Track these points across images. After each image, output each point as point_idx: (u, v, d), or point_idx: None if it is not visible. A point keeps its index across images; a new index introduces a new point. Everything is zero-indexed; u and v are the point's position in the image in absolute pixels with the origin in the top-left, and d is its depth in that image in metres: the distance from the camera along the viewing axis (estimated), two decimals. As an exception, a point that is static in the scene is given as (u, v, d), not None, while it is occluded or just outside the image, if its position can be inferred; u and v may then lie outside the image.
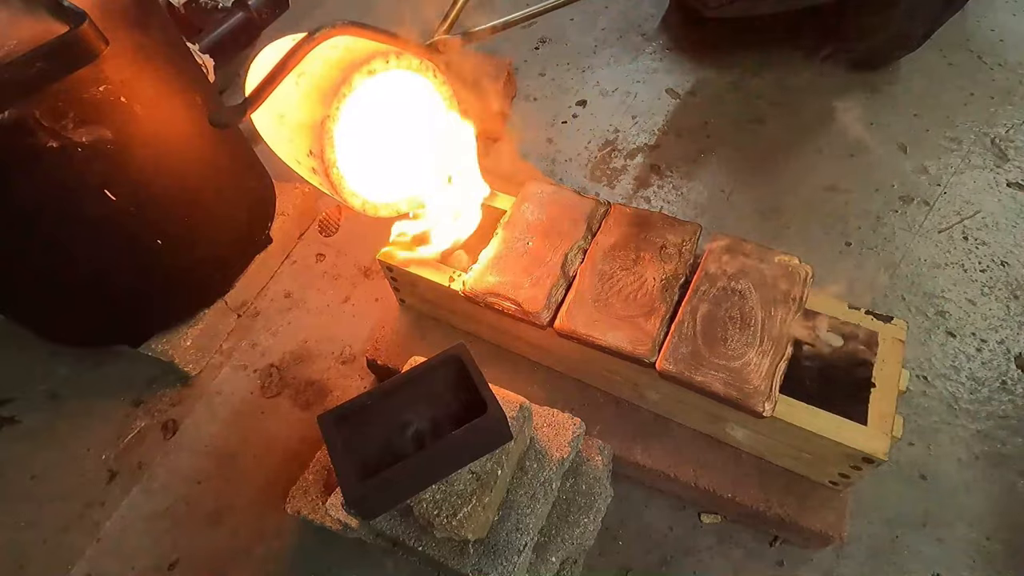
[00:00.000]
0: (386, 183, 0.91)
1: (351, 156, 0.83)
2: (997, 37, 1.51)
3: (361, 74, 0.78)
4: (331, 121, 0.78)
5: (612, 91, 1.51)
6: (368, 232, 1.28)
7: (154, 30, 0.93)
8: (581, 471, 0.84)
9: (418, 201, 0.94)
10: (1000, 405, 0.99)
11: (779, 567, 0.87)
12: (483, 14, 1.15)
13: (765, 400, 0.72)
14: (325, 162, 0.80)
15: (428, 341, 1.01)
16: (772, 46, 1.55)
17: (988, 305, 1.10)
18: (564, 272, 0.86)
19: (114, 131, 0.85)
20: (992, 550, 0.87)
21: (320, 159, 0.79)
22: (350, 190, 0.85)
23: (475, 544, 0.72)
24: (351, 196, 0.85)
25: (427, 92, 0.90)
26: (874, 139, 1.35)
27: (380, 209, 0.90)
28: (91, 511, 0.99)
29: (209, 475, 1.00)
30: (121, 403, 1.10)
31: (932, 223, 1.21)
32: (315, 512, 0.85)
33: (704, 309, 0.80)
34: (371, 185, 0.88)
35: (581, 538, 0.80)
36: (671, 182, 1.32)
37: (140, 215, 0.95)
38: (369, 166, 0.87)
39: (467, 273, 0.89)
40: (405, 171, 0.93)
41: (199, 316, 1.12)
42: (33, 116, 0.77)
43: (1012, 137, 1.33)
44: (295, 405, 1.07)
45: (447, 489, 0.70)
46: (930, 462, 0.94)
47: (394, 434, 0.69)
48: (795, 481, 0.83)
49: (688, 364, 0.76)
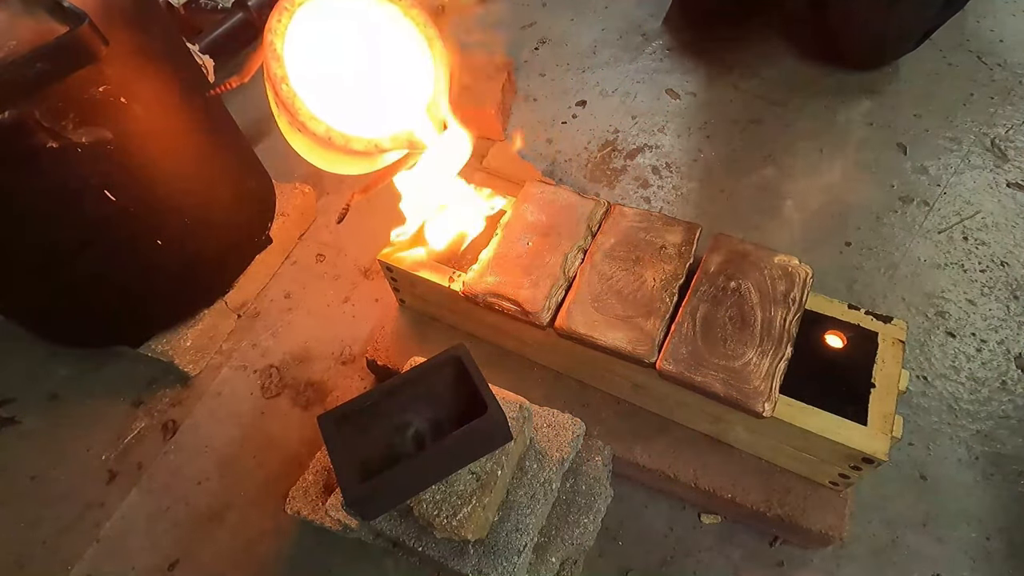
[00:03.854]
0: (362, 119, 0.81)
1: (311, 80, 0.77)
2: (997, 37, 1.51)
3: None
4: (273, 35, 0.73)
5: (612, 91, 1.51)
6: (368, 232, 1.28)
7: (154, 31, 0.93)
8: (581, 471, 0.84)
9: (407, 139, 0.82)
10: (1000, 405, 0.99)
11: (779, 567, 0.87)
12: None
13: (765, 400, 0.72)
14: (272, 78, 0.73)
15: (428, 341, 1.01)
16: (772, 46, 1.55)
17: (988, 305, 1.10)
18: (564, 272, 0.86)
19: (114, 131, 0.85)
20: (992, 550, 0.87)
21: (268, 76, 0.72)
22: (308, 112, 0.76)
23: (475, 544, 0.72)
24: (310, 120, 0.76)
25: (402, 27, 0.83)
26: (874, 139, 1.35)
27: (352, 141, 0.79)
28: (91, 511, 0.99)
29: (209, 475, 1.00)
30: (121, 403, 1.10)
31: (932, 223, 1.21)
32: (315, 512, 0.85)
33: (704, 309, 0.80)
34: (342, 117, 0.79)
35: (581, 538, 0.80)
36: (671, 182, 1.32)
37: (140, 215, 0.95)
38: (337, 96, 0.80)
39: (467, 273, 0.89)
40: (385, 107, 0.85)
41: (199, 316, 1.12)
42: (33, 116, 0.77)
43: (1012, 137, 1.33)
44: (295, 405, 1.07)
45: (447, 489, 0.70)
46: (930, 462, 0.94)
47: (394, 434, 0.69)
48: (795, 481, 0.83)
49: (688, 364, 0.76)
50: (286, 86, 0.74)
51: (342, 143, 0.78)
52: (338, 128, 0.78)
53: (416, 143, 0.82)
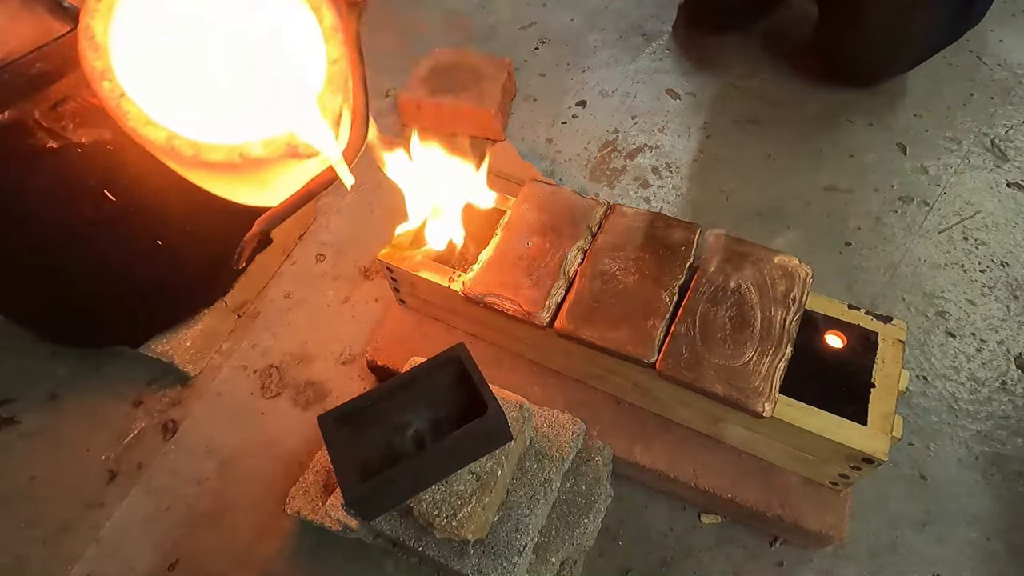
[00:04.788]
0: (230, 121, 0.61)
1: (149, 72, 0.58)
2: (997, 37, 1.51)
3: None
4: (91, 16, 0.56)
5: (612, 91, 1.51)
6: (368, 232, 1.28)
7: (154, 30, 0.93)
8: (581, 471, 0.84)
9: (287, 142, 0.59)
10: (1000, 405, 0.99)
11: (779, 568, 0.87)
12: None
13: (765, 400, 0.72)
14: (90, 72, 0.55)
15: (428, 341, 1.01)
16: (773, 47, 1.55)
17: (988, 305, 1.10)
18: (564, 272, 0.86)
19: (114, 132, 0.85)
20: (992, 550, 0.87)
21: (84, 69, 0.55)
22: (142, 115, 0.57)
23: (475, 545, 0.72)
24: (145, 125, 0.57)
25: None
26: (874, 139, 1.35)
27: (205, 151, 0.58)
28: (91, 511, 0.99)
29: (209, 475, 1.00)
30: (121, 403, 1.10)
31: (932, 223, 1.21)
32: (315, 512, 0.85)
33: (704, 309, 0.80)
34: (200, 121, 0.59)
35: (581, 539, 0.80)
36: (671, 182, 1.32)
37: (140, 216, 0.95)
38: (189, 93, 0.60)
39: (467, 273, 0.89)
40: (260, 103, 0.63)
41: (199, 316, 1.12)
42: (33, 116, 0.77)
43: (1012, 137, 1.33)
44: (295, 406, 1.07)
45: (447, 489, 0.70)
46: (930, 462, 0.94)
47: (394, 434, 0.69)
48: (795, 481, 0.83)
49: (688, 364, 0.76)
50: (108, 82, 0.56)
51: (191, 153, 0.57)
52: (184, 134, 0.57)
53: (300, 147, 0.59)
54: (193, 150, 0.58)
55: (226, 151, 0.58)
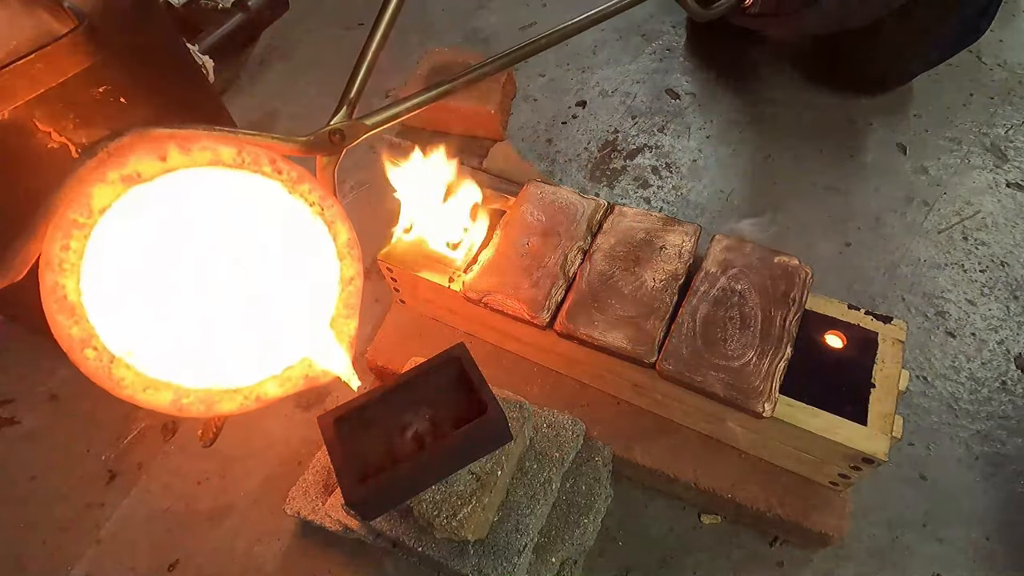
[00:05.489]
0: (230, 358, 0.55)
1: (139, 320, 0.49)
2: (997, 37, 1.51)
3: (109, 185, 0.46)
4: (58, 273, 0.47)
5: (612, 91, 1.51)
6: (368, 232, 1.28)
7: (154, 31, 0.93)
8: (581, 471, 0.84)
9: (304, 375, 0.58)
10: (1000, 405, 0.99)
11: (779, 568, 0.87)
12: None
13: (765, 400, 0.72)
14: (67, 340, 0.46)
15: (428, 341, 1.01)
16: (773, 47, 1.55)
17: (988, 305, 1.10)
18: (564, 272, 0.86)
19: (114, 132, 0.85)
20: (992, 550, 0.87)
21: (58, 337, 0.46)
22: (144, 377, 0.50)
23: (475, 545, 0.72)
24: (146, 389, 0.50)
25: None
26: (874, 139, 1.35)
27: (221, 402, 0.53)
28: (91, 511, 0.99)
29: (209, 475, 1.00)
30: (121, 404, 1.09)
31: (932, 223, 1.21)
32: (315, 513, 0.85)
33: (704, 310, 0.81)
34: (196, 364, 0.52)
35: (581, 539, 0.80)
36: (671, 182, 1.32)
37: (140, 216, 0.95)
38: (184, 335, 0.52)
39: (467, 273, 0.89)
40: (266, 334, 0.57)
41: (199, 316, 1.12)
42: (33, 117, 0.77)
43: (1012, 137, 1.33)
44: (295, 405, 1.07)
45: (447, 490, 0.70)
46: (930, 462, 0.94)
47: (394, 435, 0.69)
48: (795, 482, 0.83)
49: (688, 364, 0.76)
50: (92, 350, 0.46)
51: (202, 410, 0.51)
52: (190, 384, 0.51)
53: (318, 376, 0.58)
54: (204, 406, 0.52)
55: (240, 399, 0.54)
